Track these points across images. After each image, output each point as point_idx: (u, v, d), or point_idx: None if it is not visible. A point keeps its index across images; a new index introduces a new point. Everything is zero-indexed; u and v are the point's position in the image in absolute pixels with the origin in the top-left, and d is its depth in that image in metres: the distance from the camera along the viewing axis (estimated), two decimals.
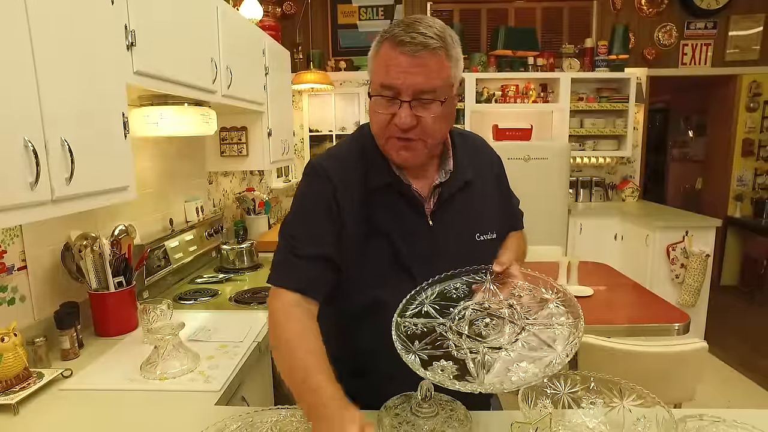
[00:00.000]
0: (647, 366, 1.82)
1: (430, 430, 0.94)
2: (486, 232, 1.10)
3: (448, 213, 1.06)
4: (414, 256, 1.03)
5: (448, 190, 1.06)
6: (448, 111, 0.97)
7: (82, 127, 1.17)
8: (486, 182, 1.13)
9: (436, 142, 1.01)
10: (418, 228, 1.04)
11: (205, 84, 1.87)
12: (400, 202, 1.04)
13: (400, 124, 0.92)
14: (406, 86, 0.90)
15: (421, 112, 0.93)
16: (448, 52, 0.92)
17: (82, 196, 1.18)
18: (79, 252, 1.58)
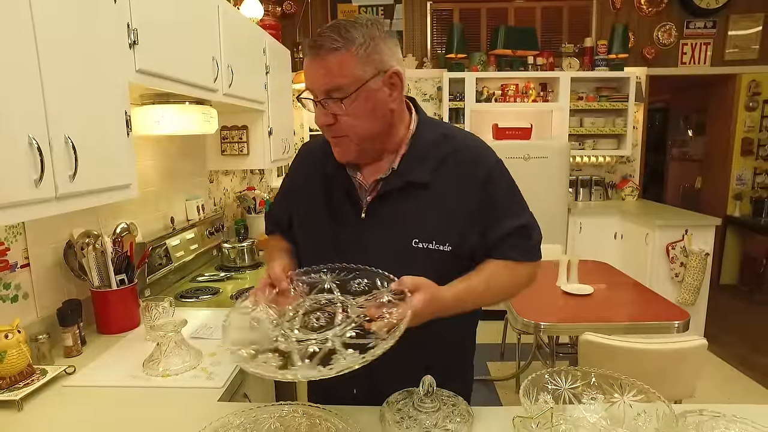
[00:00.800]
0: (647, 363, 1.83)
1: (433, 425, 0.94)
2: (429, 240, 1.02)
3: (383, 210, 1.05)
4: (346, 244, 1.07)
5: (386, 186, 1.05)
6: (365, 106, 0.97)
7: (85, 125, 1.18)
8: (456, 190, 1.04)
9: (363, 138, 1.01)
10: (350, 218, 1.07)
11: (207, 83, 1.88)
12: (341, 190, 1.09)
13: (317, 122, 1.02)
14: (315, 87, 0.98)
15: (336, 110, 0.98)
16: (352, 50, 0.93)
17: (85, 194, 1.19)
18: (82, 250, 1.59)
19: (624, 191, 4.82)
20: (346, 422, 0.99)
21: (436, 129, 1.10)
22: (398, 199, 1.05)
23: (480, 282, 1.04)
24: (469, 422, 0.97)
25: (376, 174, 1.07)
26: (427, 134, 1.08)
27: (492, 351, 3.68)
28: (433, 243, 1.03)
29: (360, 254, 1.03)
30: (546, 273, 2.88)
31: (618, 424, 1.00)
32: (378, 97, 0.98)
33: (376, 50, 0.96)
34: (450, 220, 1.04)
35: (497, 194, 1.07)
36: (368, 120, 0.99)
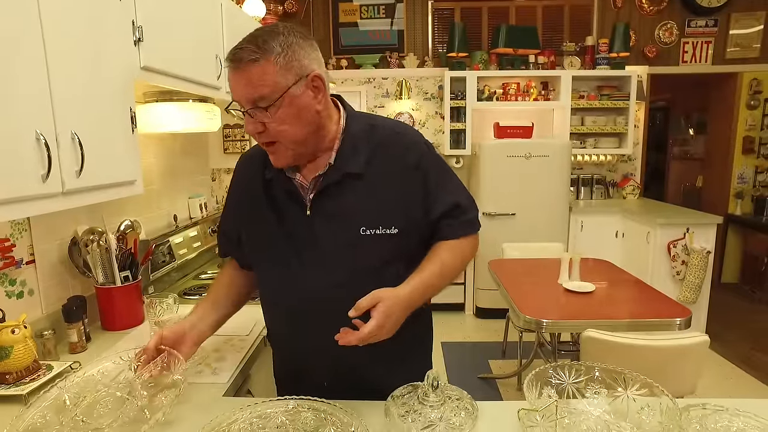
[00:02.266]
0: (649, 359, 1.84)
1: (438, 418, 0.95)
2: (375, 226, 1.07)
3: (326, 203, 1.09)
4: (294, 242, 1.10)
5: (326, 180, 1.08)
6: (290, 112, 0.99)
7: (91, 121, 1.19)
8: (389, 176, 1.09)
9: (296, 142, 1.03)
10: (297, 217, 1.10)
11: (210, 80, 1.88)
12: (284, 193, 1.11)
13: (247, 132, 1.04)
14: (240, 98, 1.00)
15: (263, 118, 0.99)
16: (269, 58, 0.95)
17: (91, 189, 1.19)
18: (86, 246, 1.60)
19: (625, 190, 4.82)
20: (352, 417, 0.99)
21: (363, 121, 1.14)
22: (339, 192, 1.09)
23: (434, 268, 1.11)
24: (473, 416, 0.97)
25: (314, 172, 1.10)
26: (355, 127, 1.12)
27: (494, 349, 3.69)
28: (380, 228, 1.08)
29: (312, 249, 1.09)
30: (548, 270, 2.89)
31: (621, 418, 1.00)
32: (302, 101, 1.00)
33: (295, 57, 0.98)
34: (391, 204, 1.09)
35: (429, 177, 1.13)
36: (295, 124, 1.01)
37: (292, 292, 1.13)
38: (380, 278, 1.05)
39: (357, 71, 4.76)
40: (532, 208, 4.15)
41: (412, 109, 4.85)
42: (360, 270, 1.08)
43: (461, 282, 4.39)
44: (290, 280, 1.13)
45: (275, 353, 1.31)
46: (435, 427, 0.93)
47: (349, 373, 1.14)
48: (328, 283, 1.08)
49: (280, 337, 1.25)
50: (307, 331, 1.14)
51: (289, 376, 1.27)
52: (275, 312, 1.22)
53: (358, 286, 1.02)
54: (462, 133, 4.55)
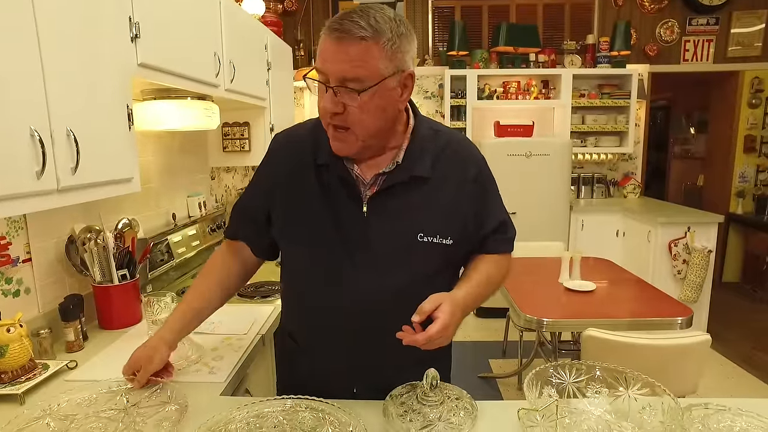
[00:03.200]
0: (650, 358, 1.83)
1: (437, 418, 0.94)
2: (433, 234, 1.03)
3: (386, 204, 1.03)
4: (346, 240, 1.03)
5: (391, 180, 1.03)
6: (377, 102, 0.94)
7: (87, 117, 1.17)
8: (450, 185, 1.06)
9: (368, 135, 0.97)
10: (351, 213, 1.03)
11: (209, 78, 1.87)
12: (339, 183, 1.04)
13: (323, 108, 0.95)
14: (330, 72, 0.91)
15: (347, 100, 0.92)
16: (380, 42, 0.89)
17: (87, 187, 1.18)
18: (83, 245, 1.58)
19: (626, 189, 4.80)
20: (350, 416, 0.98)
21: (427, 124, 1.11)
22: (401, 194, 1.03)
23: (481, 278, 1.09)
24: (473, 416, 0.96)
25: (375, 168, 1.04)
26: (423, 130, 1.08)
27: (494, 348, 3.67)
28: (438, 237, 1.04)
29: (365, 250, 1.03)
30: (548, 270, 2.87)
31: (623, 418, 0.99)
32: (391, 96, 0.96)
33: (401, 48, 0.93)
34: (450, 213, 1.06)
35: (486, 191, 1.12)
36: (377, 117, 0.96)
37: (341, 293, 1.05)
38: (432, 285, 1.01)
39: None
40: (533, 207, 4.13)
41: None
42: (413, 276, 1.04)
43: None
44: (340, 279, 1.05)
45: (295, 354, 1.20)
46: (434, 427, 0.92)
47: (381, 378, 1.08)
48: (381, 286, 1.03)
49: (316, 337, 1.14)
50: (351, 334, 1.08)
51: (314, 378, 1.15)
52: (314, 311, 1.12)
53: (411, 292, 0.99)
54: (462, 131, 4.54)
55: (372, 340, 1.06)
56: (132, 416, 1.05)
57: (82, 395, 1.11)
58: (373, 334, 1.04)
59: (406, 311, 0.94)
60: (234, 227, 1.22)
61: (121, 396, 1.12)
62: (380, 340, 1.02)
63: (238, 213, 1.21)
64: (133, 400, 1.10)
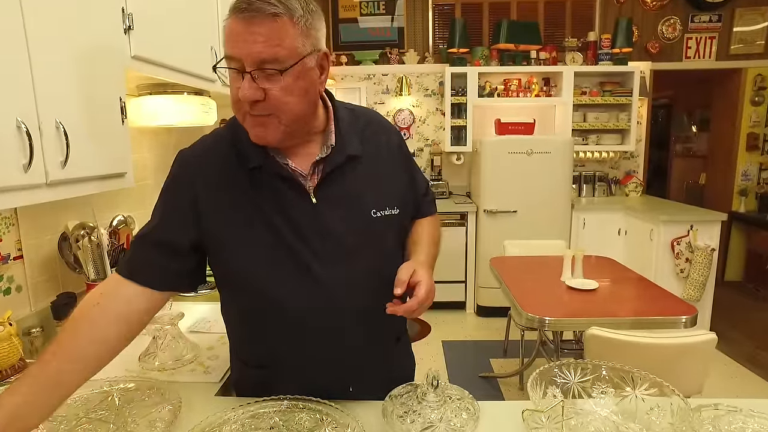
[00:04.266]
0: (654, 358, 1.80)
1: (438, 419, 0.91)
2: (383, 207, 1.04)
3: (333, 189, 1.00)
4: (304, 237, 0.97)
5: (330, 164, 0.99)
6: (300, 84, 0.88)
7: (78, 110, 1.14)
8: (381, 158, 1.08)
9: (292, 119, 0.91)
10: (300, 208, 0.97)
11: (205, 72, 1.83)
12: (279, 182, 0.97)
13: (243, 98, 0.86)
14: (246, 55, 0.84)
15: (267, 84, 0.86)
16: (293, 19, 0.84)
17: (77, 181, 1.15)
18: (77, 242, 1.55)
19: (628, 187, 4.77)
20: (349, 417, 0.95)
21: (342, 105, 1.09)
22: (343, 176, 1.01)
23: (430, 239, 1.15)
24: (475, 417, 0.93)
25: (309, 157, 0.99)
26: (342, 112, 1.06)
27: (495, 348, 3.64)
28: (387, 209, 1.05)
29: (324, 241, 0.98)
30: (550, 268, 2.84)
31: (630, 419, 0.96)
32: (311, 76, 0.91)
33: (314, 26, 0.89)
34: (390, 184, 1.08)
35: (409, 158, 1.17)
36: (301, 99, 0.90)
37: (313, 293, 0.98)
38: (397, 259, 1.05)
39: (357, 67, 4.71)
40: (534, 206, 4.10)
41: (412, 105, 4.80)
42: (378, 254, 1.04)
43: (462, 280, 4.34)
44: (309, 279, 0.98)
45: (276, 372, 1.07)
46: (435, 429, 0.89)
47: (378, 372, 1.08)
48: (354, 273, 1.00)
49: (293, 349, 1.03)
50: (338, 331, 1.02)
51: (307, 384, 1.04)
52: (289, 322, 1.01)
53: (387, 271, 0.98)
54: (463, 129, 4.51)
55: (359, 330, 1.04)
56: (124, 417, 1.02)
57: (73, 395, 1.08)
58: (359, 321, 1.03)
59: (383, 292, 0.95)
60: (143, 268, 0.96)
61: (113, 396, 1.09)
62: (369, 328, 1.04)
63: (145, 246, 0.98)
64: (126, 401, 1.07)
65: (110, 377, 1.11)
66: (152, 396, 1.09)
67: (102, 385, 1.11)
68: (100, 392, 1.10)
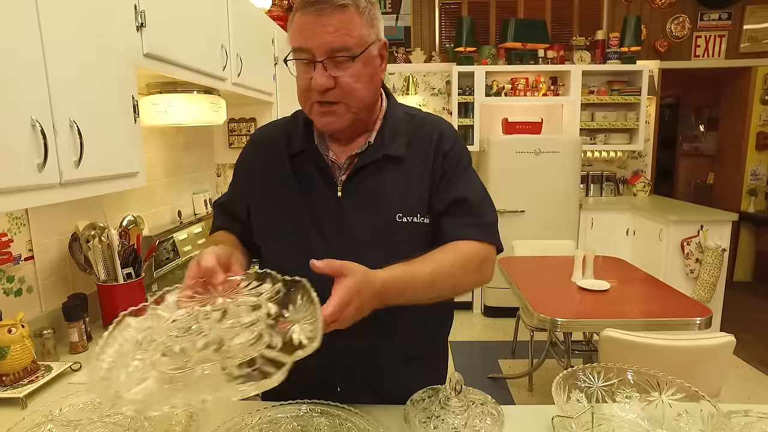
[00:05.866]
0: (671, 361, 1.77)
1: (462, 425, 0.88)
2: (412, 213, 1.00)
3: (360, 185, 1.00)
4: (322, 227, 1.00)
5: (363, 160, 1.00)
6: (367, 71, 0.94)
7: (91, 108, 1.12)
8: (424, 165, 1.03)
9: (361, 105, 0.96)
10: (326, 198, 1.01)
11: (216, 71, 1.82)
12: (315, 170, 1.02)
13: (316, 86, 0.91)
14: (317, 45, 0.89)
15: (337, 72, 0.91)
16: (359, 9, 0.91)
17: (91, 181, 1.13)
18: (87, 242, 1.53)
19: (635, 187, 4.73)
20: (369, 422, 0.93)
21: (402, 109, 1.10)
22: (375, 174, 1.01)
23: (423, 266, 0.92)
24: (500, 422, 0.91)
25: (348, 151, 1.02)
26: (397, 113, 1.07)
27: (503, 348, 3.62)
28: (418, 216, 1.01)
29: (339, 235, 1.00)
30: (560, 268, 2.81)
31: (657, 425, 0.93)
32: (375, 64, 0.97)
33: (375, 16, 0.95)
34: (425, 193, 1.03)
35: (453, 166, 1.04)
36: (366, 85, 0.95)
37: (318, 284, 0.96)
38: None
39: None
40: (542, 205, 4.07)
41: (419, 104, 4.77)
42: (391, 257, 0.92)
43: None
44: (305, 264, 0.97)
45: None
46: None
47: (367, 372, 1.06)
48: None
49: None
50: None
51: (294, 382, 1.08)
52: None
53: None
54: (470, 129, 4.48)
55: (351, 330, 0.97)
56: (139, 421, 1.00)
57: (87, 399, 1.06)
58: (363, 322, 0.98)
59: None
60: (220, 221, 1.17)
61: None
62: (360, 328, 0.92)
63: (220, 208, 1.18)
64: None
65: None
66: None
67: None
68: None
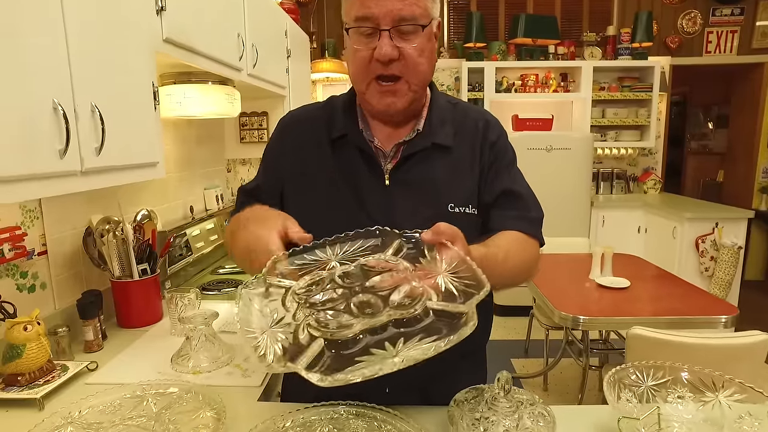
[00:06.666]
0: (701, 359, 1.70)
1: (514, 426, 0.83)
2: (464, 203, 0.96)
3: (409, 174, 0.96)
4: (369, 217, 0.93)
5: (412, 148, 0.96)
6: (429, 46, 0.90)
7: (112, 93, 1.07)
8: (472, 155, 0.99)
9: (421, 83, 0.92)
10: (373, 186, 0.95)
11: (232, 60, 1.76)
12: (358, 156, 0.96)
13: (381, 55, 0.85)
14: (384, 13, 0.84)
15: (403, 44, 0.86)
16: None
17: (111, 170, 1.07)
18: (102, 237, 1.48)
19: (646, 184, 4.68)
20: (410, 425, 0.87)
21: (444, 98, 1.06)
22: (424, 163, 0.96)
23: (499, 249, 0.87)
24: (552, 423, 0.85)
25: (394, 139, 0.97)
26: (441, 101, 1.03)
27: (516, 347, 3.56)
28: (469, 207, 0.97)
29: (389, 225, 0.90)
30: (576, 266, 2.76)
31: (717, 428, 0.88)
32: (434, 41, 0.92)
33: None
34: (474, 183, 0.99)
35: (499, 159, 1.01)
36: (428, 61, 0.90)
37: None
38: None
39: None
40: (553, 203, 4.00)
41: None
42: None
43: None
44: None
45: None
46: None
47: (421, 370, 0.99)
48: None
49: None
50: None
51: None
52: None
53: None
54: None
55: None
56: (164, 423, 0.95)
57: (106, 400, 1.00)
58: None
59: None
60: (244, 201, 1.04)
61: (148, 401, 1.02)
62: None
63: (247, 194, 1.05)
64: (163, 405, 1.00)
65: (143, 381, 1.04)
66: (191, 401, 1.02)
67: (135, 389, 1.03)
68: (134, 397, 1.02)
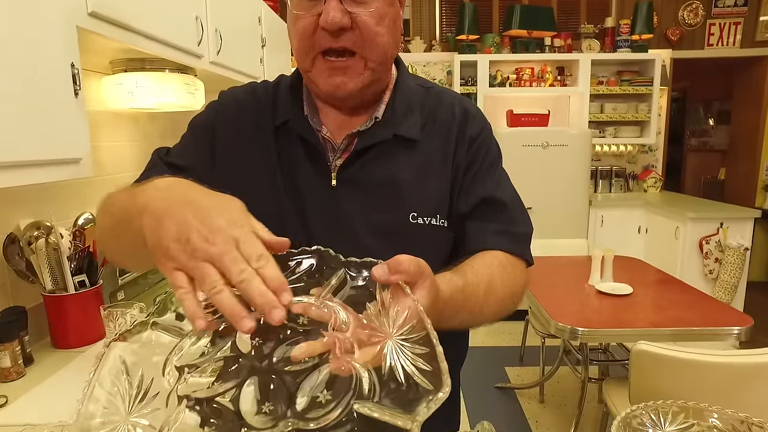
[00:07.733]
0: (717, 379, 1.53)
1: None
2: (432, 213, 0.76)
3: (363, 173, 0.76)
4: (308, 225, 0.75)
5: (367, 141, 0.75)
6: (391, 12, 0.71)
7: (13, 77, 0.87)
8: (444, 152, 0.79)
9: (381, 59, 0.72)
10: (315, 187, 0.76)
11: (189, 45, 1.57)
12: (300, 148, 0.77)
13: (327, 23, 0.66)
14: None
15: (356, 8, 0.67)
16: None
17: (10, 166, 0.88)
18: (29, 245, 1.28)
19: (646, 182, 4.50)
20: None
21: (414, 80, 0.85)
22: (382, 159, 0.76)
23: (479, 279, 0.68)
24: None
25: (348, 128, 0.77)
26: (410, 83, 0.82)
27: (510, 355, 3.38)
28: (437, 217, 0.77)
29: (328, 236, 0.72)
30: (574, 269, 2.58)
31: None
32: (396, 8, 0.73)
33: None
34: (446, 188, 0.79)
35: (479, 159, 0.81)
36: (389, 31, 0.71)
37: None
38: None
39: None
40: (550, 202, 3.83)
41: None
42: None
43: None
44: None
45: None
46: None
47: None
48: None
49: None
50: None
51: None
52: None
53: None
54: None
55: None
56: None
57: None
58: None
59: None
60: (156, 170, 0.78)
61: None
62: None
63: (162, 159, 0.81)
64: None
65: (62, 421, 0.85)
66: None
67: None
68: None
